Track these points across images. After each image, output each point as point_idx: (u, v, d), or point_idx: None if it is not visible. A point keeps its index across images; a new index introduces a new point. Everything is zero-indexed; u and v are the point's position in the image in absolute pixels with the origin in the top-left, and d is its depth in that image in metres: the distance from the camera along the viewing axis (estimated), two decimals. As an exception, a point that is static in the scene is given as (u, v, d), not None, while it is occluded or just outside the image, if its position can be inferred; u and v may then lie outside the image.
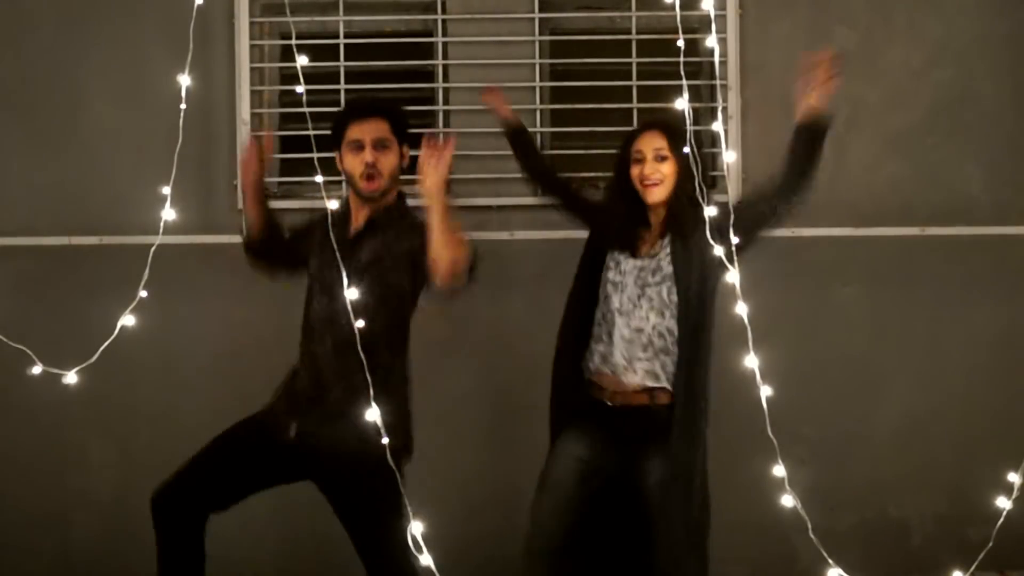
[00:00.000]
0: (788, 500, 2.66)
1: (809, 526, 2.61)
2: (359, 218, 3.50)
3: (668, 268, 3.37)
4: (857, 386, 4.63)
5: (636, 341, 3.37)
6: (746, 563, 4.60)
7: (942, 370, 4.65)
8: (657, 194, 3.39)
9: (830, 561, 2.72)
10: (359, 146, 3.43)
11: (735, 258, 2.79)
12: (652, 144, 3.40)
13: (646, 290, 3.38)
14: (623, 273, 3.42)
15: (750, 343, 2.61)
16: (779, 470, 2.65)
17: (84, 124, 4.59)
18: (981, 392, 4.65)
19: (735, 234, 2.89)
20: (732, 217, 2.96)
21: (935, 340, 4.64)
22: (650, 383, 3.37)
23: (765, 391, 2.65)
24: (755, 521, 3.79)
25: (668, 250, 3.39)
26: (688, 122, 2.83)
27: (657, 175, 3.37)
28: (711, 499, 3.41)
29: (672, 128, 3.42)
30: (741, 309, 2.68)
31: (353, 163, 3.44)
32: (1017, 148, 4.64)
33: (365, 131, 3.44)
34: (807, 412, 4.52)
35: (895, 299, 4.62)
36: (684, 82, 2.82)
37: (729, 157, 4.44)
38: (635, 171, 3.41)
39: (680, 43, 3.07)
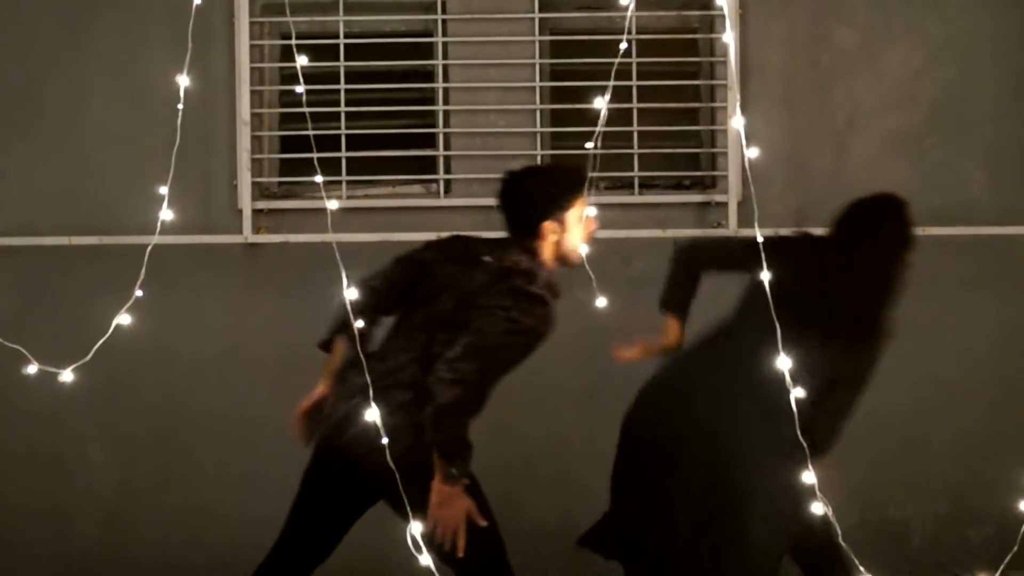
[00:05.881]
0: (819, 508, 2.55)
1: (839, 533, 2.55)
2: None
3: None
4: (857, 386, 4.63)
5: None
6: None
7: (942, 370, 4.64)
8: None
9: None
10: (582, 220, 3.35)
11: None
12: None
13: None
14: None
15: (779, 344, 2.47)
16: (809, 476, 2.55)
17: (84, 124, 4.58)
18: (981, 392, 4.64)
19: None
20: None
21: (935, 340, 4.63)
22: None
23: (797, 393, 2.50)
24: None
25: None
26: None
27: None
28: None
29: None
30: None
31: (580, 235, 3.35)
32: (1018, 148, 4.64)
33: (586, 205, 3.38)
34: (807, 412, 4.51)
35: (895, 299, 4.61)
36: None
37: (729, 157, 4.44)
38: None
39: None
